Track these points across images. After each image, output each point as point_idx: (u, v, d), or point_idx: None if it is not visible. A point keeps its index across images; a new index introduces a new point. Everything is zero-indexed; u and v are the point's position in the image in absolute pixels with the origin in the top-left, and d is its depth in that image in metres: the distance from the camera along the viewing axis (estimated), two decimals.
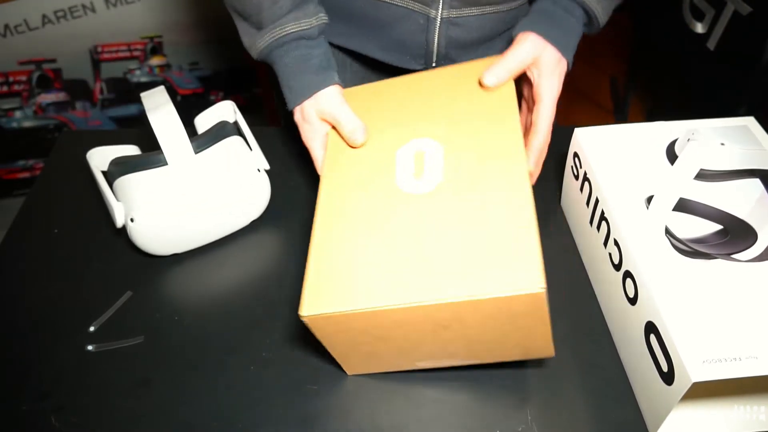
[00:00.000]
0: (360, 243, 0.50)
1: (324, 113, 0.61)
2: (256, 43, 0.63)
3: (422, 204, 0.52)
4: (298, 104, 0.62)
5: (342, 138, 0.60)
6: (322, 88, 0.61)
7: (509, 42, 0.65)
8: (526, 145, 0.62)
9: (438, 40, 0.70)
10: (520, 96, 0.66)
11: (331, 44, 0.74)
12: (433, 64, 0.73)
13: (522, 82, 0.66)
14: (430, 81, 0.62)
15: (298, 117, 0.63)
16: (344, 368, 0.56)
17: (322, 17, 0.63)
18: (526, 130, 0.64)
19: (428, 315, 0.47)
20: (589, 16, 0.64)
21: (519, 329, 0.48)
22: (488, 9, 0.69)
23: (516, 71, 0.60)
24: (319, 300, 0.47)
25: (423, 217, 0.51)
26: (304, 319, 0.47)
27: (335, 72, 0.63)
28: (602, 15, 0.65)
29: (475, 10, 0.68)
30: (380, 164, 0.56)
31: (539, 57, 0.61)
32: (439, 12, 0.67)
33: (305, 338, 0.60)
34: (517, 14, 0.72)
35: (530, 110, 0.65)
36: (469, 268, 0.46)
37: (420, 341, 0.50)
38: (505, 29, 0.72)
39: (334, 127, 0.61)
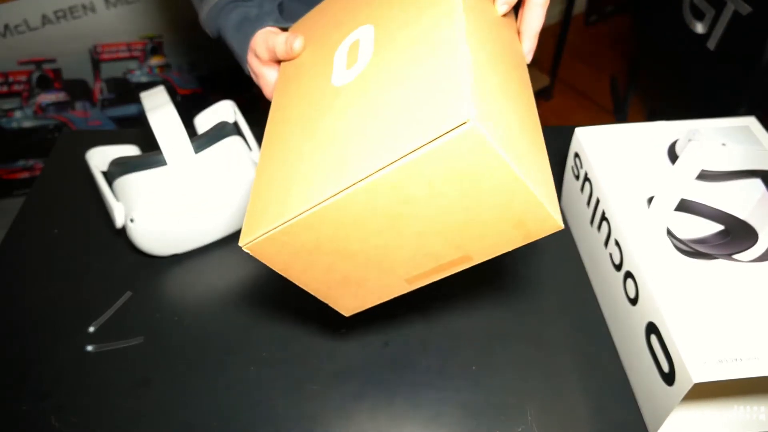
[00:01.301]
0: (291, 156, 0.46)
1: (260, 54, 0.59)
2: (201, 16, 0.63)
3: (350, 91, 0.46)
4: (247, 63, 0.61)
5: (288, 58, 0.57)
6: (256, 32, 0.59)
7: None
8: (519, 20, 0.54)
9: None
10: None
11: None
12: None
13: None
14: None
15: (253, 78, 0.62)
16: (338, 309, 0.51)
17: None
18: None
19: (368, 203, 0.39)
20: None
21: (488, 195, 0.39)
22: None
23: None
24: (256, 225, 0.43)
25: (350, 104, 0.45)
26: (246, 250, 0.43)
27: (271, 19, 0.61)
28: None
29: None
30: (319, 71, 0.51)
31: None
32: None
33: (305, 338, 0.60)
34: None
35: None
36: (398, 131, 0.38)
37: (385, 244, 0.43)
38: None
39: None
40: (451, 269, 0.46)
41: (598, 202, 0.60)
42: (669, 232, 0.54)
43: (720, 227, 0.55)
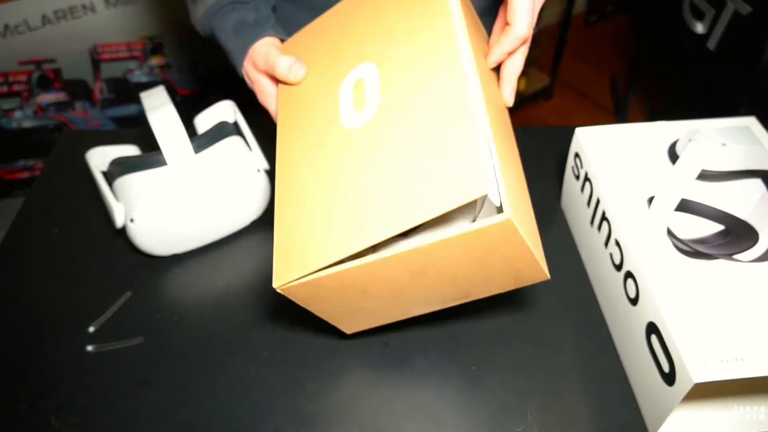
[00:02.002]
0: (315, 197, 0.48)
1: (258, 65, 0.60)
2: (195, 16, 0.63)
3: (364, 137, 0.48)
4: (242, 67, 0.61)
5: (286, 83, 0.58)
6: (255, 42, 0.60)
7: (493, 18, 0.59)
8: (498, 53, 0.55)
9: None
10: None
11: None
12: None
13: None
14: (363, 1, 0.58)
15: (247, 82, 0.63)
16: (341, 329, 0.55)
17: None
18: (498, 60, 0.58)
19: (398, 264, 0.44)
20: None
21: (500, 259, 0.45)
22: None
23: None
24: (288, 268, 0.46)
25: (366, 151, 0.47)
26: (279, 291, 0.46)
27: (270, 27, 0.61)
28: None
29: None
30: (325, 107, 0.53)
31: None
32: None
33: (305, 338, 0.60)
34: None
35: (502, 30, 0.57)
36: (422, 195, 0.42)
37: (402, 290, 0.48)
38: (491, 8, 0.67)
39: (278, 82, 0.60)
40: (451, 304, 0.54)
41: (598, 202, 0.60)
42: (669, 232, 0.54)
43: (720, 227, 0.55)
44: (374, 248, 0.49)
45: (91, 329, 0.61)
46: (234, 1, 0.61)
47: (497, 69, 0.57)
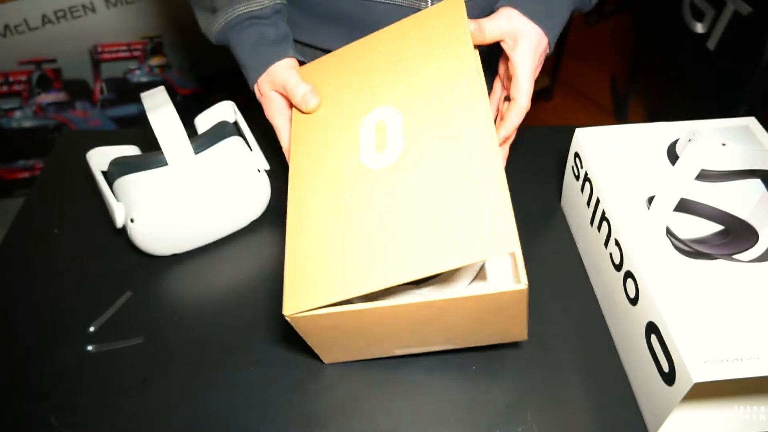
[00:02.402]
0: (331, 231, 0.49)
1: (276, 85, 0.61)
2: (212, 26, 0.63)
3: (386, 179, 0.50)
4: (256, 81, 0.62)
5: (298, 110, 0.60)
6: (276, 61, 0.61)
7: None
8: (499, 121, 0.61)
9: None
10: (495, 75, 0.65)
11: (317, 48, 0.73)
12: None
13: (499, 59, 0.64)
14: (387, 38, 0.60)
15: (257, 94, 0.64)
16: (321, 357, 0.56)
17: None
18: (499, 113, 0.64)
19: (410, 312, 0.46)
20: None
21: (498, 319, 0.48)
22: None
23: (489, 38, 0.58)
24: (300, 298, 0.47)
25: (389, 193, 0.49)
26: (287, 318, 0.47)
27: (290, 47, 0.63)
28: None
29: None
30: (344, 142, 0.54)
31: (518, 30, 0.58)
32: (429, 3, 0.66)
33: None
34: None
35: (505, 88, 0.63)
36: (447, 244, 0.44)
37: (400, 334, 0.50)
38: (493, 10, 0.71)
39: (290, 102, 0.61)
40: (432, 349, 0.57)
41: (598, 202, 0.60)
42: (669, 232, 0.54)
43: (720, 227, 0.55)
44: (385, 290, 0.51)
45: (91, 329, 0.61)
46: (253, 16, 0.62)
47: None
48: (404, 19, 0.60)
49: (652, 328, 0.50)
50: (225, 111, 0.71)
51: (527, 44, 0.58)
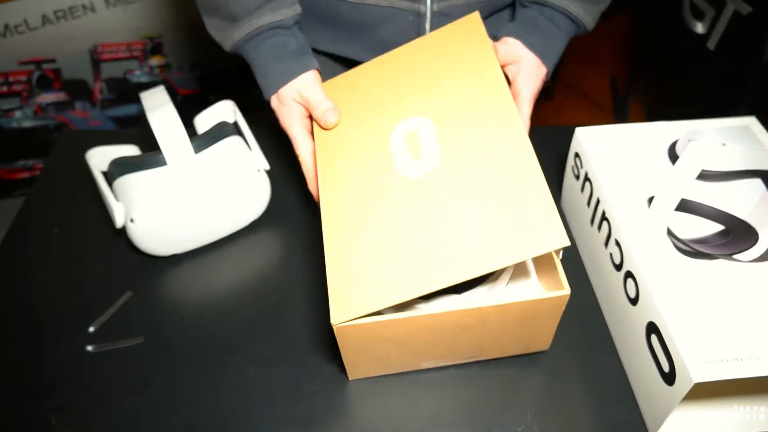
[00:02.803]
0: (373, 238, 0.50)
1: (299, 96, 0.61)
2: (230, 35, 0.63)
3: (427, 186, 0.51)
4: (275, 92, 0.62)
5: (318, 124, 0.60)
6: (301, 73, 0.61)
7: (498, 25, 0.66)
8: None
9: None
10: None
11: (318, 51, 0.74)
12: None
13: None
14: (407, 55, 0.61)
15: (275, 103, 0.63)
16: (348, 372, 0.55)
17: (297, 8, 0.63)
18: None
19: (456, 319, 0.47)
20: (575, 24, 0.67)
21: (533, 326, 0.50)
22: None
23: (499, 61, 0.61)
24: (347, 306, 0.47)
25: (429, 199, 0.50)
26: (335, 328, 0.47)
27: (313, 58, 0.63)
28: (590, 22, 0.68)
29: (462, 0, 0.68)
30: (377, 153, 0.55)
31: (522, 58, 0.64)
32: (429, 6, 0.66)
33: (305, 338, 0.60)
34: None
35: None
36: (497, 242, 0.46)
37: (438, 344, 0.51)
38: (492, 12, 0.73)
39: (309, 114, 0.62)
40: (460, 362, 0.57)
41: (598, 202, 0.60)
42: (669, 232, 0.54)
43: (720, 227, 0.55)
44: (424, 301, 0.53)
45: (91, 329, 0.61)
46: (275, 26, 0.62)
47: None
48: (423, 37, 0.62)
49: (652, 328, 0.50)
50: (225, 111, 0.71)
51: (529, 71, 0.63)
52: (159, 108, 0.64)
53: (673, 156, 0.62)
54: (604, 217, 0.59)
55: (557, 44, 0.67)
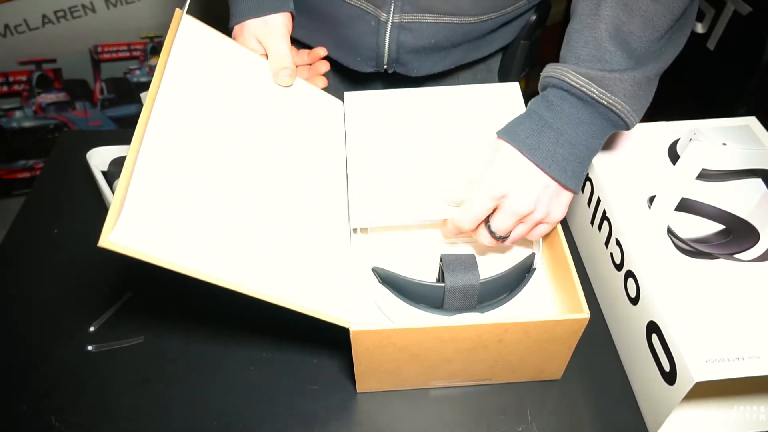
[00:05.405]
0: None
1: (263, 38, 0.59)
2: None
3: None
4: (240, 22, 0.60)
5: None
6: (273, 12, 0.59)
7: (466, 53, 0.65)
8: None
9: (389, 44, 0.66)
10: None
11: (297, 41, 0.70)
12: (385, 68, 0.69)
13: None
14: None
15: (236, 32, 0.61)
16: (357, 384, 0.55)
17: None
18: None
19: (474, 334, 0.47)
20: (620, 118, 0.49)
21: (548, 349, 0.50)
22: (443, 18, 0.64)
23: None
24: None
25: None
26: (352, 333, 0.47)
27: (291, 2, 0.60)
28: (633, 120, 0.50)
29: (428, 17, 0.64)
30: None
31: None
32: (390, 16, 0.63)
33: (305, 338, 0.60)
34: (475, 29, 0.67)
35: None
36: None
37: (452, 359, 0.51)
38: (463, 41, 0.68)
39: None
40: (470, 384, 0.56)
41: (598, 201, 0.60)
42: (670, 232, 0.54)
43: (721, 227, 0.55)
44: (447, 313, 0.53)
45: (91, 329, 0.61)
46: None
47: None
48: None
49: (653, 328, 0.50)
50: None
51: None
52: None
53: (674, 156, 0.62)
54: (604, 217, 0.59)
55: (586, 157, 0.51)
